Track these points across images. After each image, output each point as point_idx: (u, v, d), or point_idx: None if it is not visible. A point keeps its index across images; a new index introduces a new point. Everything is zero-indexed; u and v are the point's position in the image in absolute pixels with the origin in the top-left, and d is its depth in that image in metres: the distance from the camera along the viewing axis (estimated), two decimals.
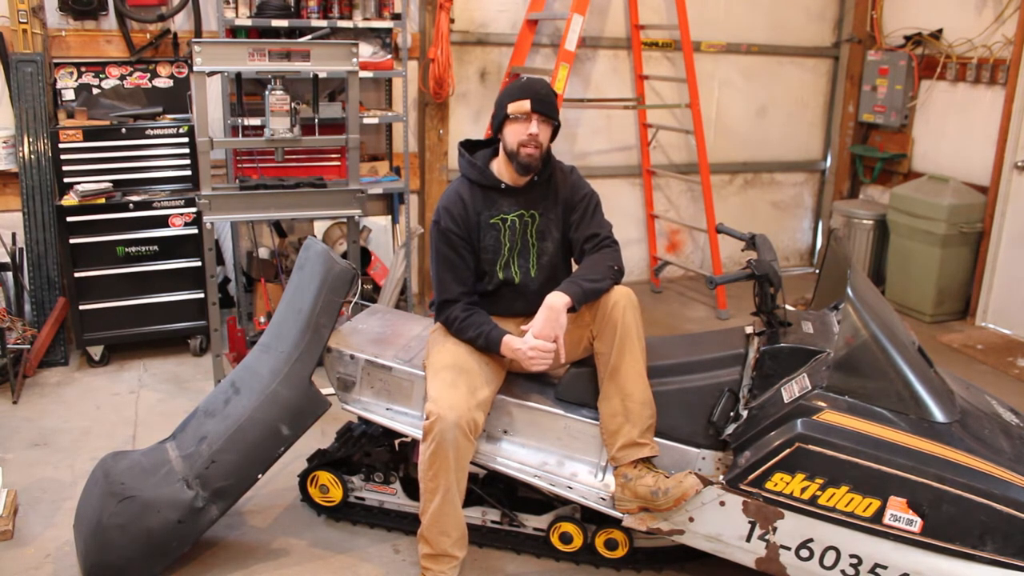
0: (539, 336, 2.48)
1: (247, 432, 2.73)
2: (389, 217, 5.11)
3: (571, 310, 2.52)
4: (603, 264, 2.62)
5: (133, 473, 2.79)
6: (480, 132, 5.16)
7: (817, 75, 6.20)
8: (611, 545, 2.78)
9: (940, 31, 5.41)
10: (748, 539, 2.41)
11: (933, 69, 5.46)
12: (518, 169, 2.67)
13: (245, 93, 4.02)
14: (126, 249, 4.20)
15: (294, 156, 4.55)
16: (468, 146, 2.81)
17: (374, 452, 2.95)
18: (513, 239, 2.72)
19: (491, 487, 2.85)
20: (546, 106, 2.65)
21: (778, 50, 5.99)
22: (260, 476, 2.74)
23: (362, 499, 3.01)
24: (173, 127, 4.30)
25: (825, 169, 6.42)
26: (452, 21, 4.81)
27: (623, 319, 2.53)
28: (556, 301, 2.50)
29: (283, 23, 4.29)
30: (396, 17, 4.59)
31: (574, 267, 2.78)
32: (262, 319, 4.51)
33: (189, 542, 2.67)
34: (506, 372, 2.72)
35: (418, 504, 2.85)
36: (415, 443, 2.81)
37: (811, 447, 2.29)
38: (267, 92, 3.67)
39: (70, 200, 4.08)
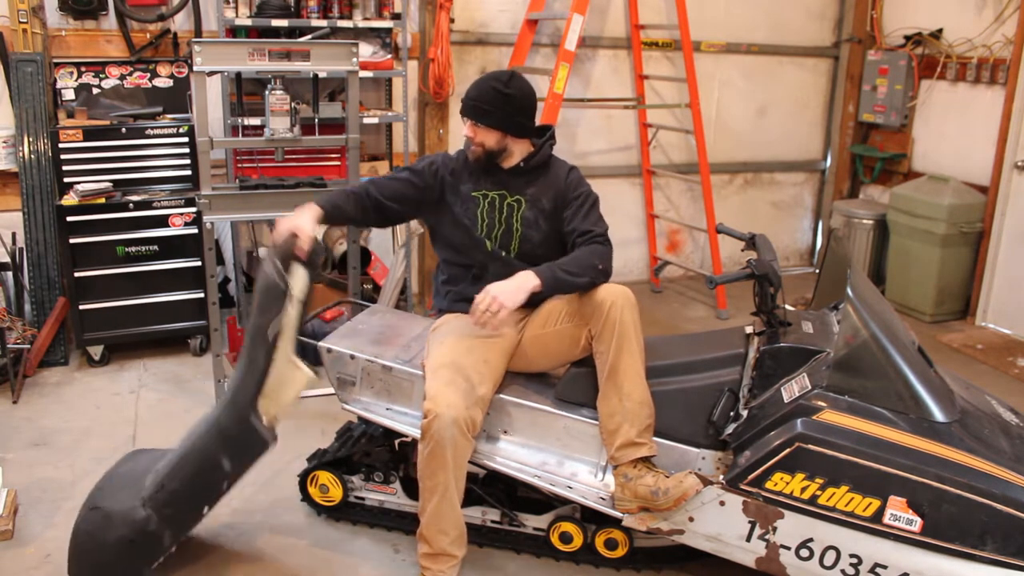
0: (491, 292, 2.47)
1: (189, 461, 2.55)
2: None
3: (539, 295, 2.55)
4: (588, 260, 2.60)
5: (120, 479, 2.71)
6: None
7: (817, 75, 6.20)
8: (611, 545, 2.78)
9: (940, 31, 5.41)
10: (748, 539, 2.41)
11: (933, 69, 5.46)
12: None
13: (245, 93, 4.02)
14: (126, 249, 4.20)
15: (294, 156, 4.55)
16: None
17: (374, 452, 2.95)
18: (492, 217, 2.74)
19: (491, 487, 2.85)
20: (470, 110, 2.68)
21: (778, 50, 5.99)
22: (207, 510, 2.57)
23: (362, 499, 3.01)
24: (173, 127, 4.30)
25: (825, 169, 6.42)
26: (452, 21, 4.81)
27: (621, 318, 2.52)
28: (527, 282, 2.50)
29: (283, 23, 4.29)
30: (396, 17, 4.59)
31: None
32: None
33: (144, 565, 2.53)
34: (506, 371, 2.72)
35: (418, 504, 2.86)
36: (415, 443, 2.81)
37: (811, 447, 2.29)
38: (267, 92, 3.67)
39: (70, 200, 4.08)
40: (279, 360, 2.49)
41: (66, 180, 4.18)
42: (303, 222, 2.52)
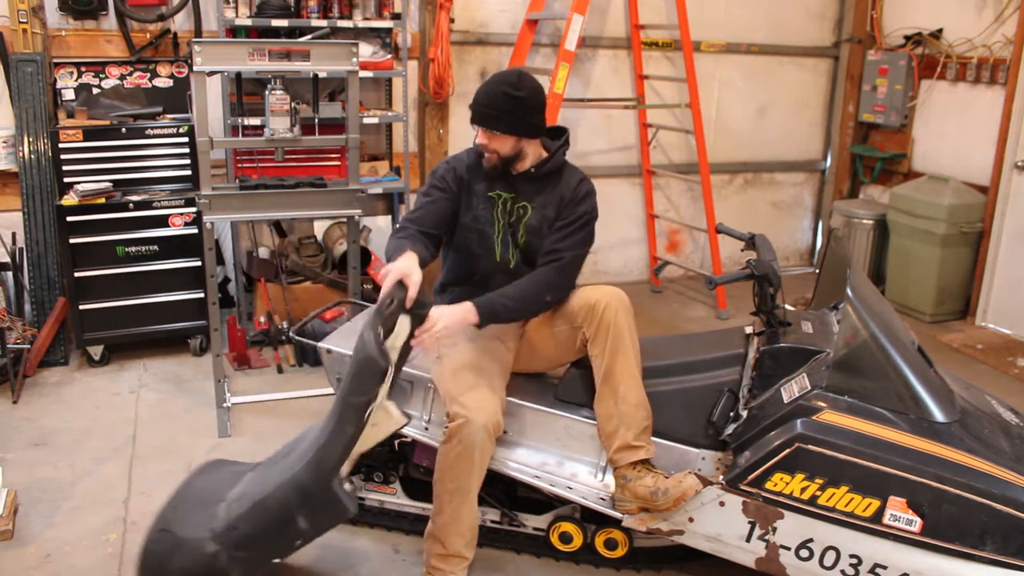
0: (441, 319, 2.45)
1: (265, 509, 2.41)
2: (389, 217, 5.11)
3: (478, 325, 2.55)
4: (537, 294, 2.59)
5: (194, 497, 2.62)
6: None
7: (817, 75, 6.20)
8: (611, 545, 2.78)
9: (940, 31, 5.41)
10: (748, 539, 2.41)
11: (933, 69, 5.46)
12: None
13: (245, 93, 4.02)
14: (126, 249, 4.20)
15: (294, 156, 4.55)
16: None
17: (374, 452, 2.94)
18: (504, 219, 2.69)
19: (491, 487, 2.84)
20: (484, 119, 2.59)
21: (778, 50, 5.99)
22: (276, 561, 2.43)
23: (362, 499, 3.00)
24: (173, 127, 4.30)
25: (825, 169, 6.42)
26: (452, 21, 4.81)
27: (615, 321, 2.52)
28: (467, 315, 2.50)
29: (283, 23, 4.29)
30: (396, 17, 4.59)
31: None
32: (262, 319, 4.51)
33: None
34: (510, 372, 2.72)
35: (418, 504, 2.86)
36: (415, 443, 2.82)
37: (811, 447, 2.29)
38: (267, 92, 3.67)
39: (70, 200, 4.08)
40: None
41: (66, 180, 4.18)
42: (410, 267, 2.38)
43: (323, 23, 4.36)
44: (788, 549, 2.37)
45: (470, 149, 2.78)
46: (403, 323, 2.40)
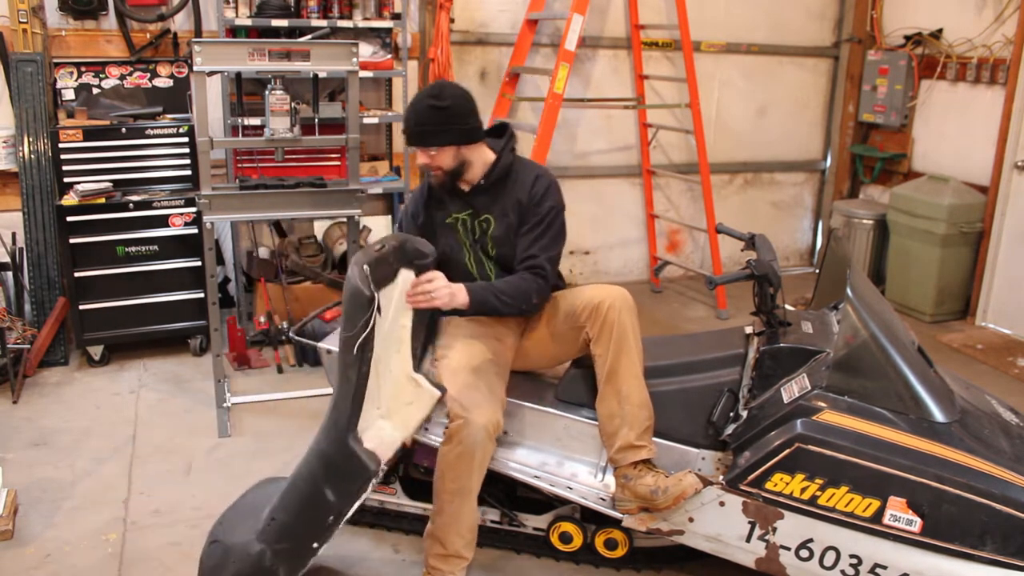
0: (435, 281, 2.44)
1: (295, 489, 2.37)
2: (389, 217, 5.11)
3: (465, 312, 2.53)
4: (526, 293, 2.59)
5: (244, 509, 2.61)
6: None
7: (817, 75, 6.20)
8: (611, 545, 2.78)
9: (940, 31, 5.41)
10: (748, 539, 2.41)
11: (933, 69, 5.46)
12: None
13: (245, 93, 4.01)
14: (126, 249, 4.20)
15: (294, 156, 4.55)
16: None
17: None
18: (470, 238, 2.71)
19: (491, 487, 2.84)
20: (418, 138, 2.60)
21: (778, 50, 5.99)
22: (316, 546, 2.34)
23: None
24: (173, 127, 4.30)
25: (825, 169, 6.42)
26: (452, 21, 4.81)
27: (619, 321, 2.52)
28: (458, 296, 2.48)
29: (283, 23, 4.29)
30: (396, 17, 4.59)
31: None
32: (262, 319, 4.51)
33: None
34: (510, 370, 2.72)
35: (418, 504, 2.86)
36: (415, 443, 2.81)
37: (811, 447, 2.29)
38: (267, 92, 3.67)
39: (70, 200, 4.09)
40: (399, 378, 2.36)
41: (66, 180, 4.18)
42: None
43: (323, 23, 4.36)
44: (788, 549, 2.37)
45: (420, 184, 2.78)
46: (404, 275, 2.40)
